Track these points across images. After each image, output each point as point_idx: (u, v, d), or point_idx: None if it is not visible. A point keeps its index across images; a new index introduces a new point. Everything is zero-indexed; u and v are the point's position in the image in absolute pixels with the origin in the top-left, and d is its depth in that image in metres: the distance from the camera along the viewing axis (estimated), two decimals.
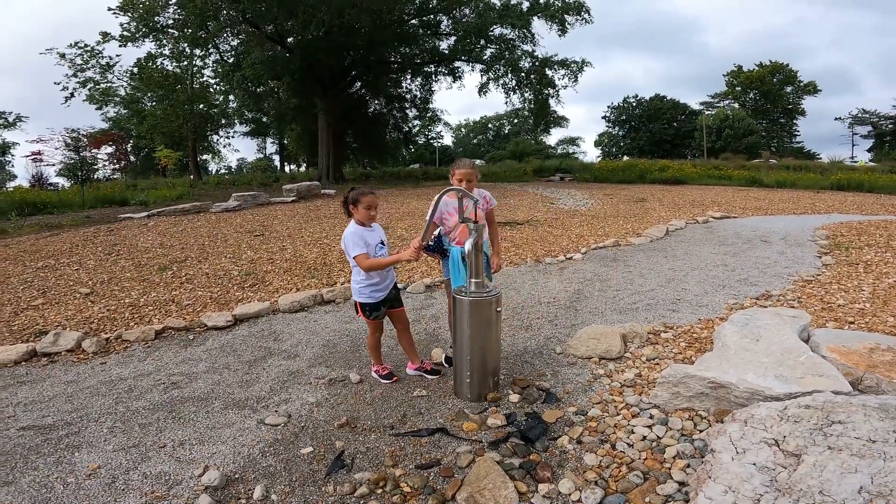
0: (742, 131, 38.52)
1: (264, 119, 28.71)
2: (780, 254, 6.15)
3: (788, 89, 46.64)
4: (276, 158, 44.29)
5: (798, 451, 1.71)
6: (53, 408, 2.77)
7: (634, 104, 49.00)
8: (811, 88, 46.61)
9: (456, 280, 2.96)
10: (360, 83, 22.34)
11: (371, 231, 2.85)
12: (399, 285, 5.17)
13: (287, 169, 39.40)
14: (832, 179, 16.68)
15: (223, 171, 45.01)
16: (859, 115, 47.20)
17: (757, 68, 46.64)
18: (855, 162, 30.94)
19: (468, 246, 2.56)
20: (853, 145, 47.58)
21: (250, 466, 2.16)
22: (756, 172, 19.19)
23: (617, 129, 50.64)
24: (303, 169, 35.72)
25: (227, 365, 3.31)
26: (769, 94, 46.11)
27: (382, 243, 2.88)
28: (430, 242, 3.09)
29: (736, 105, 46.47)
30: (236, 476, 2.10)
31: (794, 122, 48.17)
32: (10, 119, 35.65)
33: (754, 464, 1.70)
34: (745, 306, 4.06)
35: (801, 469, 1.63)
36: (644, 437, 2.22)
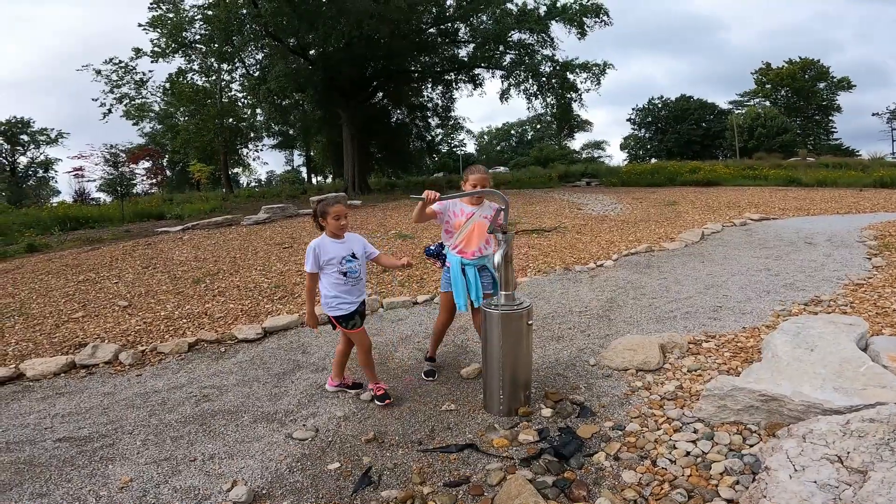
0: (775, 129, 37.25)
1: (291, 131, 29.39)
2: (826, 256, 5.83)
3: (821, 85, 44.91)
4: (304, 170, 45.31)
5: (864, 468, 1.58)
6: (89, 420, 2.82)
7: (660, 105, 48.09)
8: (845, 84, 44.76)
9: (457, 292, 2.85)
10: (381, 93, 22.63)
11: (341, 243, 2.78)
12: (421, 297, 5.24)
13: (314, 180, 40.21)
14: (875, 176, 15.88)
15: (253, 183, 46.29)
16: None
17: (786, 65, 45.12)
18: None
19: (498, 258, 2.49)
20: (893, 140, 45.32)
21: (277, 482, 2.13)
22: (793, 171, 18.46)
23: (643, 131, 49.75)
24: (329, 180, 36.38)
25: (257, 378, 3.32)
26: (801, 91, 44.50)
27: (353, 256, 2.78)
28: (432, 247, 3.04)
29: (767, 103, 45.00)
30: (264, 492, 2.07)
31: (830, 118, 46.30)
32: (52, 135, 37.52)
33: (815, 482, 1.57)
34: (794, 313, 3.84)
35: (868, 486, 1.50)
36: (688, 453, 2.09)
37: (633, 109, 50.35)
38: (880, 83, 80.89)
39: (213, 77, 22.62)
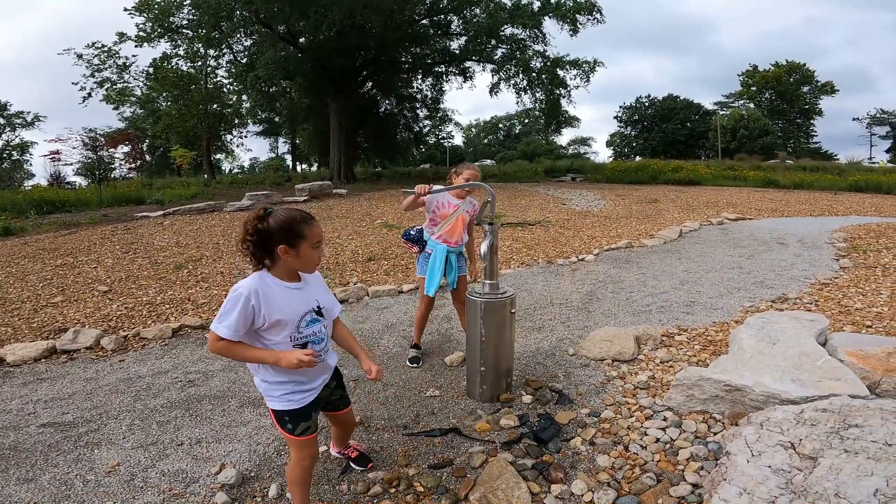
0: (757, 131, 38.01)
1: (277, 119, 28.99)
2: (796, 256, 6.06)
3: (805, 89, 45.90)
4: (289, 158, 44.70)
5: (814, 454, 1.70)
6: (73, 405, 2.83)
7: (647, 104, 48.62)
8: (829, 88, 45.82)
9: (431, 280, 3.04)
10: (371, 83, 22.46)
11: (298, 289, 1.65)
12: (406, 286, 5.26)
13: (299, 168, 39.75)
14: (850, 181, 16.38)
15: (236, 170, 45.50)
16: (878, 115, 46.35)
17: (773, 68, 45.96)
18: (873, 163, 30.35)
19: (484, 248, 2.57)
20: (871, 146, 46.75)
21: (265, 465, 2.19)
22: (772, 173, 18.92)
23: (629, 129, 50.29)
24: (314, 168, 36.00)
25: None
26: (785, 94, 45.42)
27: (318, 311, 1.68)
28: (412, 231, 3.16)
29: (751, 105, 45.84)
30: (252, 474, 2.13)
31: (811, 122, 47.43)
32: (29, 119, 36.42)
33: (770, 466, 1.69)
34: (761, 309, 4.02)
35: (817, 472, 1.62)
36: (657, 440, 2.22)
37: (620, 107, 50.95)
38: (864, 88, 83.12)
39: (199, 63, 22.13)
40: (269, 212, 1.58)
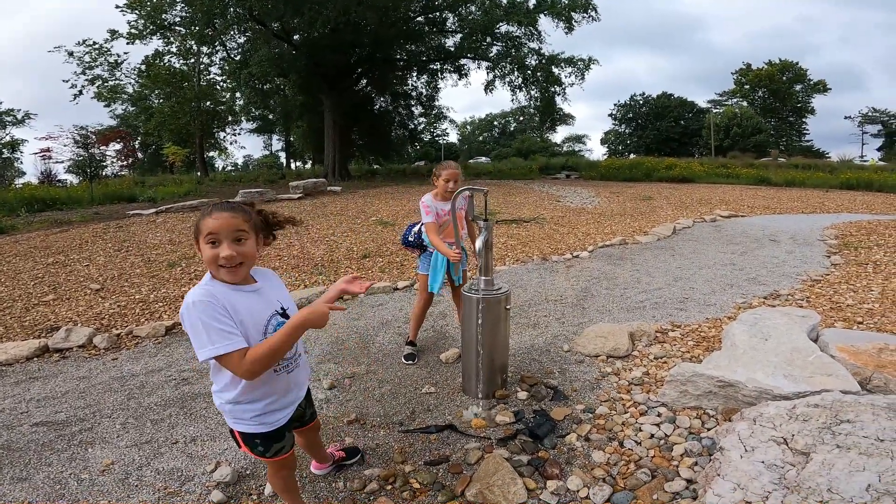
0: (750, 129, 38.25)
1: (271, 116, 28.82)
2: (788, 253, 6.11)
3: (798, 87, 46.22)
4: (283, 155, 44.49)
5: (807, 450, 1.72)
6: (66, 404, 2.81)
7: (641, 102, 48.77)
8: (821, 87, 46.16)
9: (435, 278, 3.09)
10: (365, 81, 22.37)
11: (254, 291, 1.47)
12: (401, 283, 5.25)
13: (293, 166, 39.56)
14: (842, 178, 16.53)
15: (230, 168, 45.22)
16: (869, 113, 46.78)
17: (766, 66, 46.23)
18: (865, 161, 30.63)
19: (479, 244, 2.58)
20: (863, 144, 47.21)
21: (261, 463, 2.18)
22: (764, 171, 19.04)
23: (623, 126, 50.44)
24: (308, 166, 35.83)
25: None
26: (778, 93, 45.72)
27: (283, 311, 1.52)
28: (411, 238, 3.19)
29: (744, 103, 46.12)
30: (247, 472, 2.12)
31: (804, 120, 47.78)
32: (19, 116, 36.00)
33: (763, 461, 1.71)
34: (754, 306, 4.05)
35: (810, 467, 1.63)
36: (652, 435, 2.23)
37: (614, 105, 51.09)
38: (855, 87, 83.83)
39: (192, 60, 21.97)
40: (216, 206, 1.43)
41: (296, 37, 18.32)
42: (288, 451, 1.61)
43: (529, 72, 19.89)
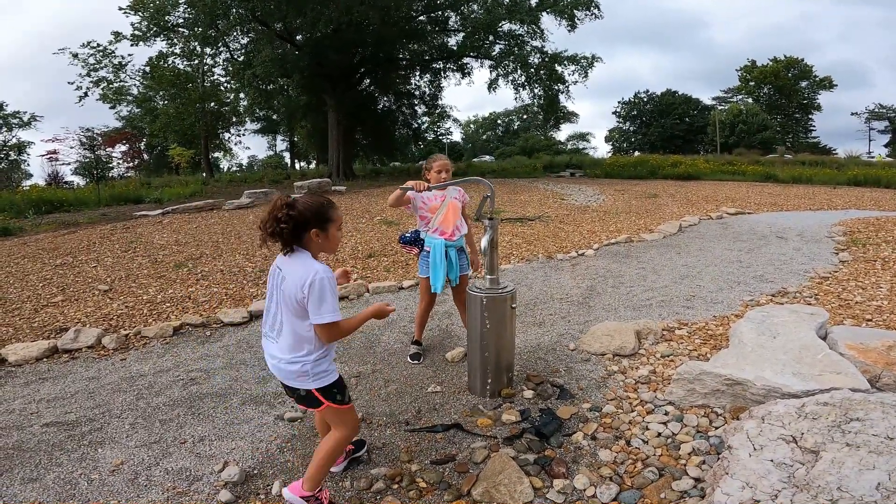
0: (756, 126, 37.99)
1: (275, 116, 28.89)
2: (796, 250, 6.07)
3: (803, 84, 45.84)
4: (287, 156, 44.60)
5: (816, 448, 1.71)
6: (76, 404, 2.83)
7: (645, 99, 48.52)
8: (827, 83, 45.75)
9: (436, 275, 3.02)
10: (368, 80, 22.39)
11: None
12: (406, 282, 5.29)
13: (297, 166, 39.67)
14: (849, 175, 16.37)
15: (234, 168, 45.38)
16: (876, 110, 46.32)
17: (771, 63, 45.88)
18: (872, 157, 30.35)
19: (484, 243, 2.57)
20: (870, 140, 46.74)
21: (268, 462, 2.20)
22: (771, 168, 18.90)
23: (628, 124, 50.19)
24: (313, 166, 35.92)
25: (244, 361, 3.36)
26: (784, 90, 45.35)
27: None
28: (407, 234, 3.17)
29: (749, 100, 45.79)
30: (255, 472, 2.13)
31: (810, 117, 47.39)
32: (25, 118, 36.31)
33: (772, 460, 1.70)
34: (761, 303, 4.02)
35: (819, 465, 1.62)
36: (659, 434, 2.22)
37: (618, 102, 50.75)
38: (858, 84, 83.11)
39: (196, 61, 22.07)
40: (294, 199, 1.72)
41: (298, 37, 18.35)
42: (351, 399, 1.88)
43: (532, 70, 19.82)
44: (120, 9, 18.32)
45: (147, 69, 21.56)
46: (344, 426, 1.84)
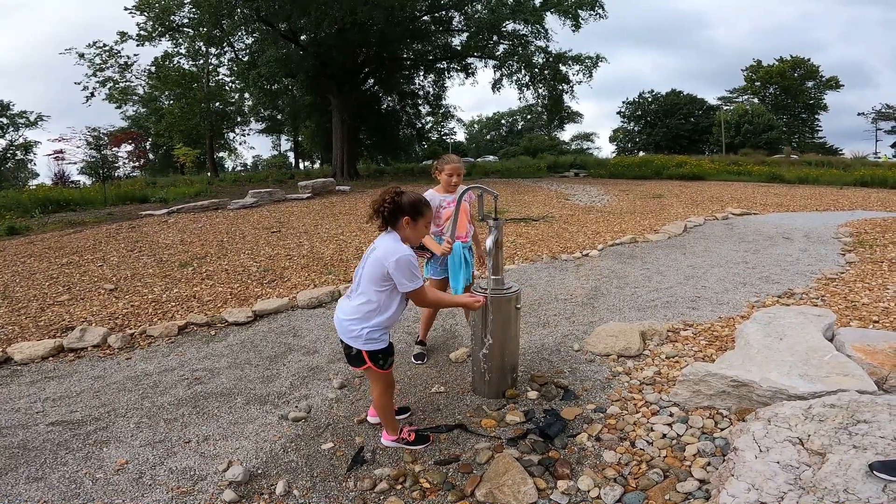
0: (762, 126, 37.79)
1: (279, 116, 28.99)
2: (802, 251, 6.03)
3: (810, 84, 45.56)
4: (291, 155, 44.74)
5: (822, 450, 1.69)
6: (81, 403, 2.84)
7: (650, 99, 48.35)
8: (833, 83, 45.45)
9: (456, 280, 3.03)
10: (373, 80, 22.44)
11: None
12: None
13: (302, 166, 39.81)
14: (855, 175, 16.26)
15: (239, 168, 45.57)
16: (883, 110, 45.95)
17: (777, 63, 45.61)
18: (878, 157, 30.12)
19: (489, 243, 2.57)
20: (876, 141, 46.37)
21: (272, 462, 2.20)
22: (777, 168, 18.79)
23: (632, 124, 50.03)
24: (317, 166, 36.03)
25: (249, 360, 3.36)
26: (790, 90, 45.09)
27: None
28: None
29: (755, 100, 45.54)
30: (259, 471, 2.14)
31: (816, 117, 47.09)
32: (32, 118, 36.58)
33: (778, 462, 1.69)
34: (767, 304, 4.00)
35: (826, 468, 1.61)
36: (664, 435, 2.21)
37: (623, 102, 50.60)
38: (862, 84, 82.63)
39: (201, 61, 22.17)
40: (402, 191, 2.12)
41: (303, 37, 18.42)
42: (393, 363, 2.21)
43: (537, 70, 19.80)
44: (126, 9, 18.45)
45: (153, 69, 21.69)
46: (379, 385, 2.20)
